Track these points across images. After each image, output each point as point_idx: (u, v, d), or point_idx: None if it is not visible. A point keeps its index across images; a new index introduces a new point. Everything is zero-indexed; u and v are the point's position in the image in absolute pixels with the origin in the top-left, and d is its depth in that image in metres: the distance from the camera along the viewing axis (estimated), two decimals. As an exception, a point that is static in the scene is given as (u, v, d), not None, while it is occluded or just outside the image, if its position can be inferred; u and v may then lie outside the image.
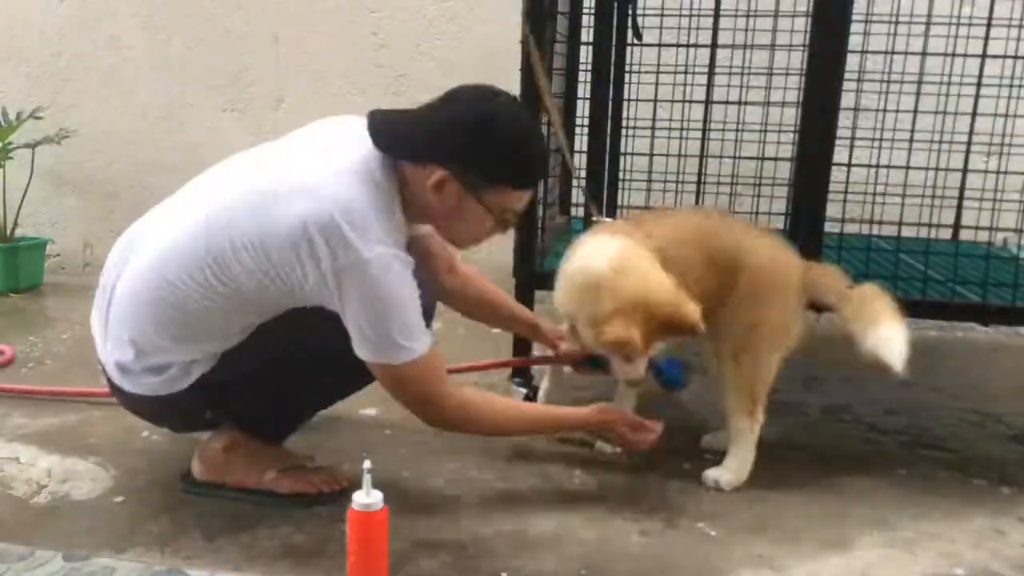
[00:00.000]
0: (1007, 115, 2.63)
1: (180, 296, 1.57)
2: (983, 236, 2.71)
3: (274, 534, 1.64)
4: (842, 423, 2.19)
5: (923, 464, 2.02)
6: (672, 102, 2.55)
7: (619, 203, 2.62)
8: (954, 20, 2.55)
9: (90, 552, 1.55)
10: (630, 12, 2.33)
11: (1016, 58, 2.57)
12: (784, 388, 2.19)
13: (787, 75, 2.59)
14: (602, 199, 2.26)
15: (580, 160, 2.43)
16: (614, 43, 2.19)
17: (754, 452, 1.85)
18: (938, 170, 2.63)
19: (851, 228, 2.39)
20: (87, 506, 1.75)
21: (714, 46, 2.49)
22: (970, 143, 2.57)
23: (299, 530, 1.66)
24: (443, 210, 1.63)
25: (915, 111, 2.51)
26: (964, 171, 2.68)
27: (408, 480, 1.87)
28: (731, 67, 2.62)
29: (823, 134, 2.06)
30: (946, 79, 2.59)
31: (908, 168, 2.47)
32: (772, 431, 1.85)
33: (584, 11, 2.45)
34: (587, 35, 2.26)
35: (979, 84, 2.55)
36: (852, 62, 2.21)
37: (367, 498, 1.39)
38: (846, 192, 2.28)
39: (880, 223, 2.61)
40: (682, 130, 2.61)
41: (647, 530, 1.70)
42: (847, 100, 2.26)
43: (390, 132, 1.62)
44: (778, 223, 2.71)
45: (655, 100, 2.51)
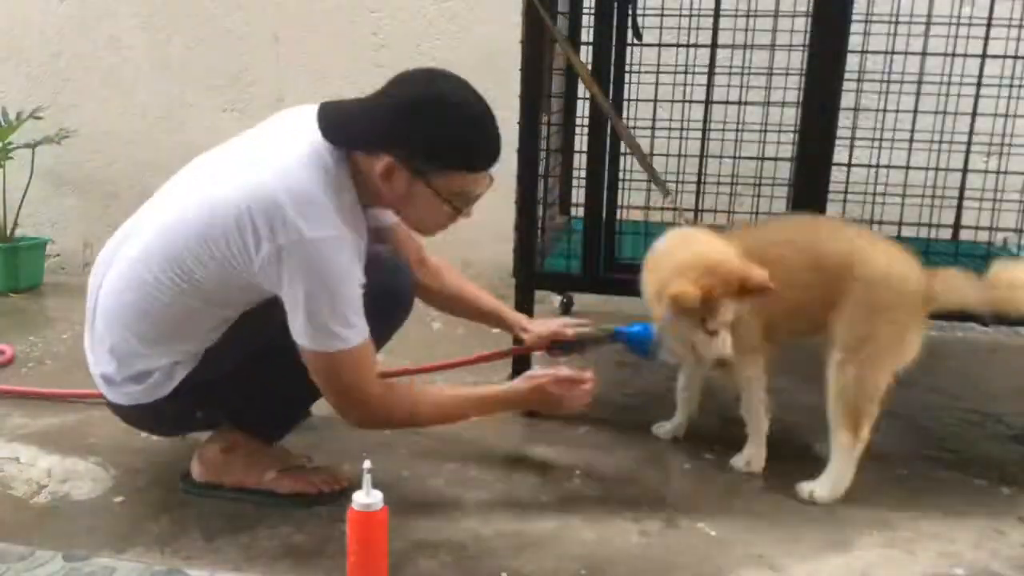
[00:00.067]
0: (1007, 115, 2.63)
1: (152, 297, 1.60)
2: (983, 236, 2.71)
3: (274, 534, 1.64)
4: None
5: (923, 464, 2.02)
6: (672, 102, 2.55)
7: (619, 203, 2.61)
8: (954, 20, 2.55)
9: (90, 552, 1.55)
10: (630, 12, 2.33)
11: (1016, 58, 2.57)
12: (784, 387, 2.20)
13: (787, 75, 2.59)
14: (601, 204, 2.25)
15: (580, 160, 2.42)
16: (614, 43, 2.18)
17: (853, 469, 1.80)
18: (938, 170, 2.63)
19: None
20: (87, 506, 1.75)
21: (714, 46, 2.49)
22: (970, 143, 2.57)
23: (299, 530, 1.66)
24: (394, 198, 1.62)
25: (915, 111, 2.52)
26: (964, 171, 2.68)
27: (408, 480, 1.87)
28: (731, 67, 2.62)
29: (823, 134, 2.06)
30: (946, 79, 2.59)
31: (908, 168, 2.47)
32: (771, 431, 1.85)
33: (584, 11, 2.45)
34: (587, 35, 2.26)
35: (979, 84, 2.55)
36: (852, 62, 2.22)
37: (367, 498, 1.39)
38: (846, 192, 2.28)
39: (880, 223, 2.61)
40: (682, 130, 2.61)
41: (647, 530, 1.70)
42: (847, 100, 2.26)
43: (338, 123, 1.61)
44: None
45: (655, 100, 2.50)
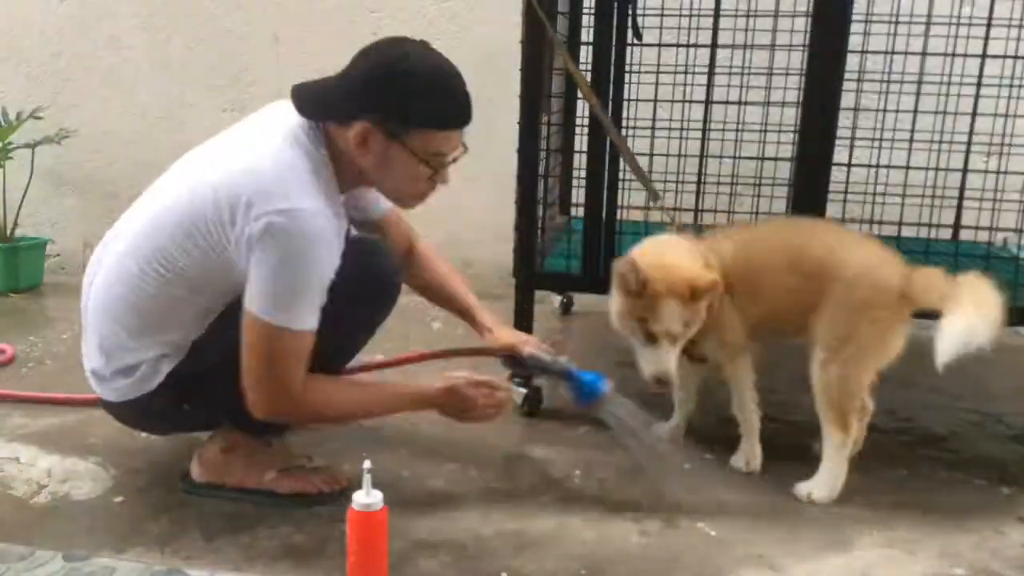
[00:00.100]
0: (1007, 115, 2.63)
1: (139, 288, 1.62)
2: (983, 236, 2.71)
3: (274, 534, 1.64)
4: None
5: (923, 464, 2.02)
6: (672, 102, 2.55)
7: (619, 203, 2.60)
8: (954, 20, 2.55)
9: (90, 552, 1.55)
10: (630, 12, 2.33)
11: (1016, 58, 2.57)
12: (784, 388, 2.20)
13: (787, 75, 2.59)
14: (601, 204, 2.25)
15: (580, 160, 2.43)
16: (614, 43, 2.18)
17: (845, 465, 1.80)
18: (938, 170, 2.63)
19: (851, 228, 2.39)
20: (87, 506, 1.75)
21: (714, 46, 2.49)
22: (970, 143, 2.57)
23: (299, 530, 1.66)
24: (372, 165, 1.63)
25: (915, 111, 2.52)
26: (964, 171, 2.68)
27: (408, 480, 1.87)
28: (731, 67, 2.62)
29: (823, 134, 2.06)
30: (946, 79, 2.60)
31: (908, 168, 2.47)
32: (771, 431, 1.85)
33: (584, 11, 2.45)
34: (587, 35, 2.26)
35: (979, 84, 2.55)
36: (852, 62, 2.22)
37: (367, 498, 1.39)
38: (846, 192, 2.29)
39: (880, 223, 2.61)
40: (682, 130, 2.61)
41: (647, 530, 1.70)
42: (847, 100, 2.26)
43: (312, 98, 1.65)
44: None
45: (655, 100, 2.51)
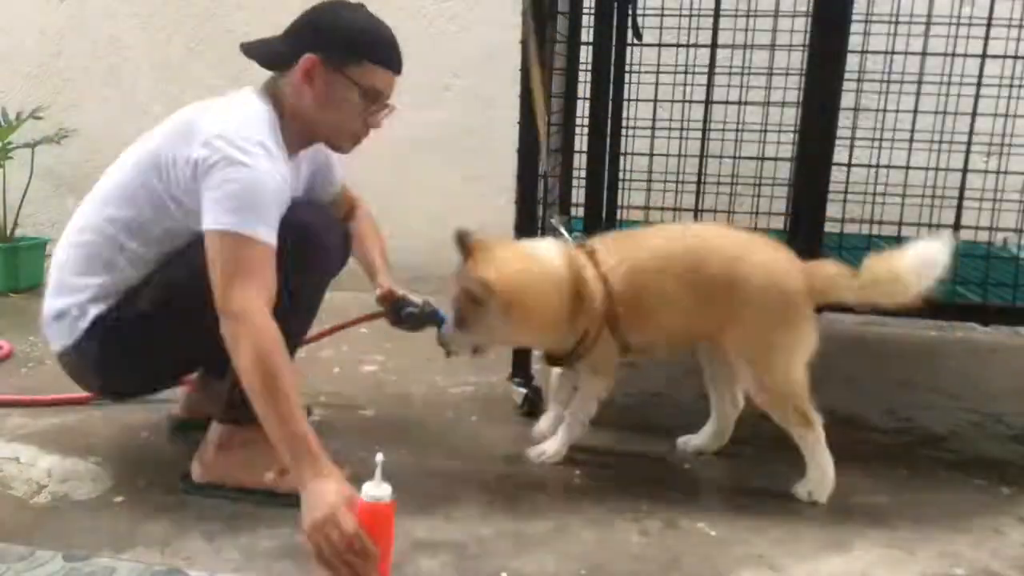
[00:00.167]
0: (1007, 115, 2.63)
1: (81, 230, 1.75)
2: (983, 236, 2.71)
3: (274, 534, 1.64)
4: (842, 423, 2.19)
5: (923, 464, 2.02)
6: (672, 102, 2.55)
7: (619, 203, 2.61)
8: (954, 20, 2.56)
9: (90, 552, 1.55)
10: (630, 12, 2.33)
11: (1016, 58, 2.57)
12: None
13: (787, 75, 2.60)
14: (601, 204, 2.25)
15: (580, 160, 2.43)
16: (614, 43, 2.18)
17: (829, 455, 1.80)
18: (938, 170, 2.63)
19: (851, 228, 2.39)
20: (87, 506, 1.75)
21: (714, 46, 2.49)
22: (970, 143, 2.56)
23: (299, 530, 1.65)
24: (314, 101, 1.75)
25: (915, 111, 2.52)
26: (964, 171, 2.67)
27: (408, 480, 1.86)
28: (731, 67, 2.62)
29: (823, 134, 2.06)
30: (946, 79, 2.60)
31: (908, 168, 2.47)
32: (771, 431, 1.85)
33: (584, 11, 2.45)
34: (587, 35, 2.26)
35: (979, 84, 2.54)
36: (852, 62, 2.22)
37: (377, 490, 1.41)
38: (846, 192, 2.29)
39: (880, 223, 2.61)
40: (682, 130, 2.61)
41: (647, 530, 1.70)
42: (847, 100, 2.26)
43: (259, 47, 1.82)
44: (778, 223, 2.72)
45: (655, 100, 2.51)
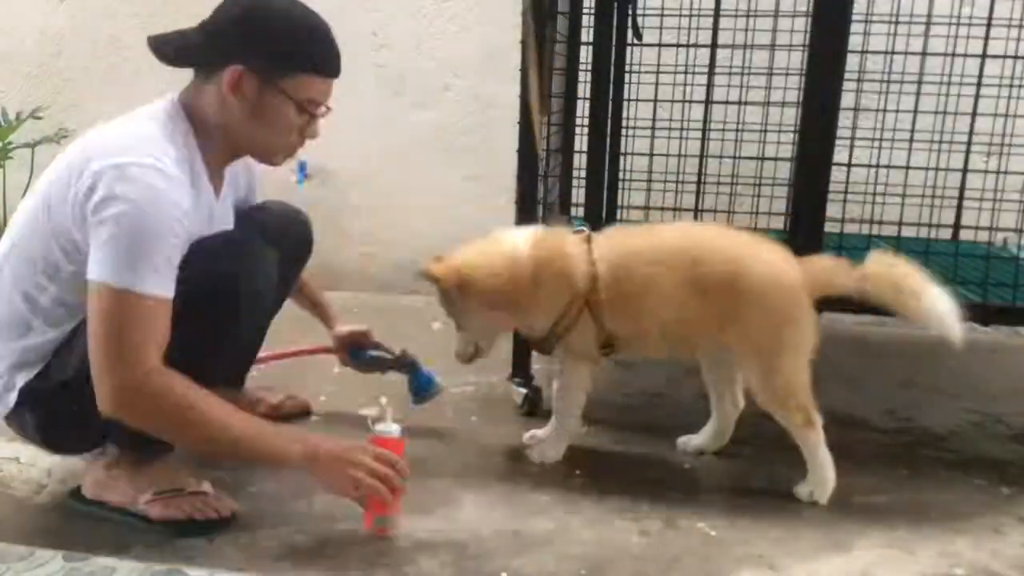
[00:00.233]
0: (1007, 115, 2.63)
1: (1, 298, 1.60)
2: (983, 236, 2.71)
3: (274, 534, 1.64)
4: (842, 423, 2.19)
5: (923, 464, 2.02)
6: (672, 102, 2.55)
7: (619, 203, 2.62)
8: (954, 20, 2.55)
9: (90, 552, 1.54)
10: (630, 12, 2.33)
11: (1016, 58, 2.58)
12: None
13: (787, 75, 2.59)
14: (601, 204, 2.25)
15: (580, 160, 2.43)
16: (614, 43, 2.18)
17: (829, 455, 1.80)
18: (938, 170, 2.64)
19: (851, 228, 2.39)
20: (87, 506, 1.75)
21: (714, 46, 2.50)
22: (970, 143, 2.57)
23: (299, 530, 1.65)
24: (243, 115, 1.60)
25: (915, 111, 2.52)
26: (964, 171, 2.68)
27: (408, 480, 1.86)
28: (731, 67, 2.62)
29: (823, 134, 2.06)
30: (946, 79, 2.60)
31: (908, 168, 2.47)
32: (771, 431, 1.85)
33: (584, 11, 2.45)
34: (587, 35, 2.26)
35: (979, 84, 2.55)
36: (852, 62, 2.22)
37: (387, 427, 1.58)
38: (846, 192, 2.28)
39: (880, 223, 2.61)
40: (682, 130, 2.62)
41: (647, 530, 1.70)
42: (847, 100, 2.26)
43: (172, 44, 1.63)
44: (778, 223, 2.72)
45: (655, 100, 2.51)
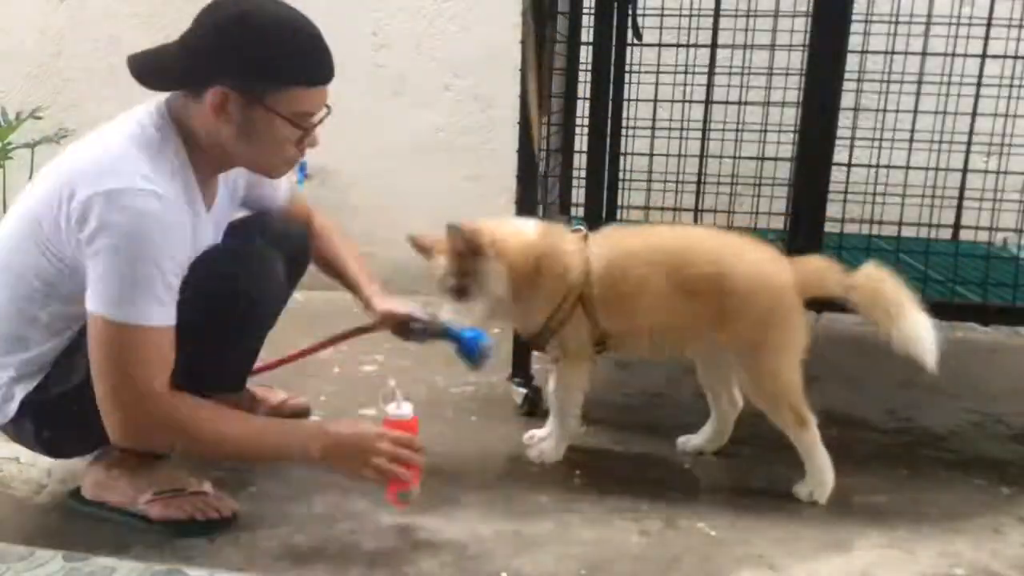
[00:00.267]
0: (1007, 115, 2.63)
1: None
2: (983, 236, 2.71)
3: (274, 534, 1.64)
4: (842, 423, 2.19)
5: (923, 464, 2.02)
6: (672, 102, 2.55)
7: (619, 203, 2.62)
8: (954, 20, 2.56)
9: (90, 552, 1.54)
10: (630, 12, 2.33)
11: (1016, 58, 2.58)
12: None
13: (787, 75, 2.59)
14: (601, 204, 2.25)
15: (580, 160, 2.43)
16: (614, 43, 2.18)
17: (826, 454, 1.80)
18: (938, 170, 2.64)
19: (851, 228, 2.39)
20: (87, 506, 1.75)
21: (714, 46, 2.50)
22: (970, 143, 2.57)
23: (299, 530, 1.65)
24: (233, 135, 1.52)
25: (915, 111, 2.52)
26: (964, 171, 2.68)
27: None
28: (731, 67, 2.62)
29: (823, 134, 2.06)
30: (946, 79, 2.60)
31: (908, 168, 2.47)
32: (770, 431, 1.85)
33: (584, 11, 2.45)
34: (587, 35, 2.26)
35: (979, 84, 2.55)
36: (852, 62, 2.22)
37: (399, 409, 1.60)
38: (846, 192, 2.28)
39: (880, 223, 2.61)
40: (682, 130, 2.62)
41: (647, 530, 1.70)
42: (847, 100, 2.26)
43: (152, 66, 1.53)
44: (778, 223, 2.72)
45: (655, 100, 2.51)
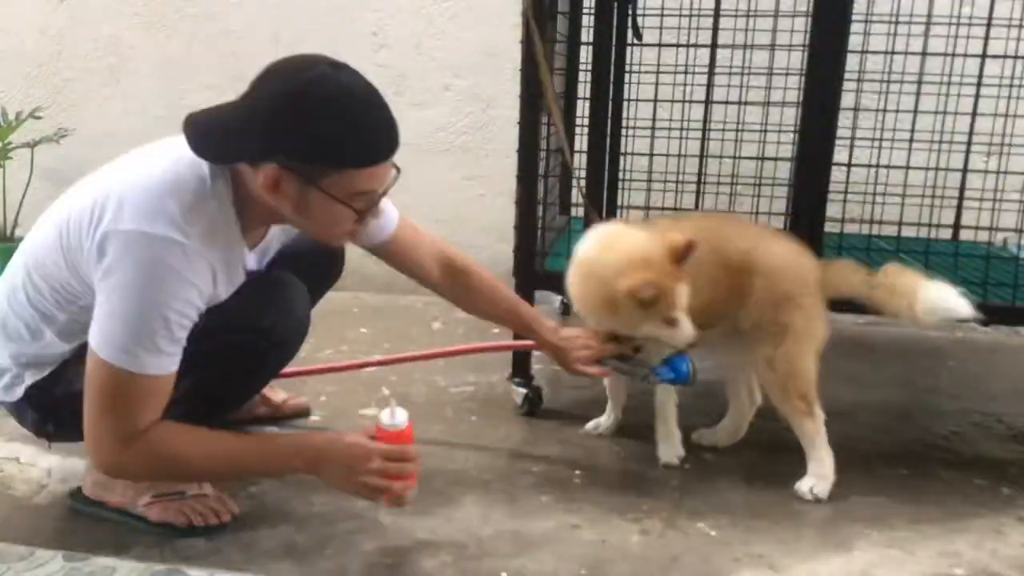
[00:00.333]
0: (1007, 115, 2.63)
1: (12, 295, 1.60)
2: (983, 236, 2.71)
3: (274, 534, 1.64)
4: (842, 423, 2.18)
5: (923, 464, 2.02)
6: (672, 102, 2.55)
7: (619, 203, 2.61)
8: (954, 20, 2.56)
9: (90, 552, 1.55)
10: (630, 12, 2.33)
11: (1016, 58, 2.58)
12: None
13: (787, 75, 2.59)
14: (601, 204, 2.25)
15: (580, 160, 2.43)
16: (614, 43, 2.18)
17: (829, 449, 1.82)
18: (938, 170, 2.64)
19: (851, 228, 2.40)
20: (87, 506, 1.75)
21: (714, 46, 2.50)
22: (970, 143, 2.58)
23: (299, 530, 1.66)
24: (291, 210, 1.46)
25: (915, 111, 2.52)
26: (964, 171, 2.68)
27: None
28: (731, 67, 2.62)
29: (823, 134, 2.06)
30: (946, 79, 2.60)
31: (908, 168, 2.48)
32: (771, 431, 1.85)
33: (584, 11, 2.45)
34: (587, 35, 2.26)
35: (979, 84, 2.55)
36: (852, 62, 2.22)
37: (393, 419, 1.54)
38: (846, 192, 2.29)
39: (880, 223, 2.61)
40: (682, 130, 2.61)
41: (647, 530, 1.70)
42: (847, 100, 2.26)
43: (208, 137, 1.46)
44: (778, 223, 2.72)
45: (655, 100, 2.51)
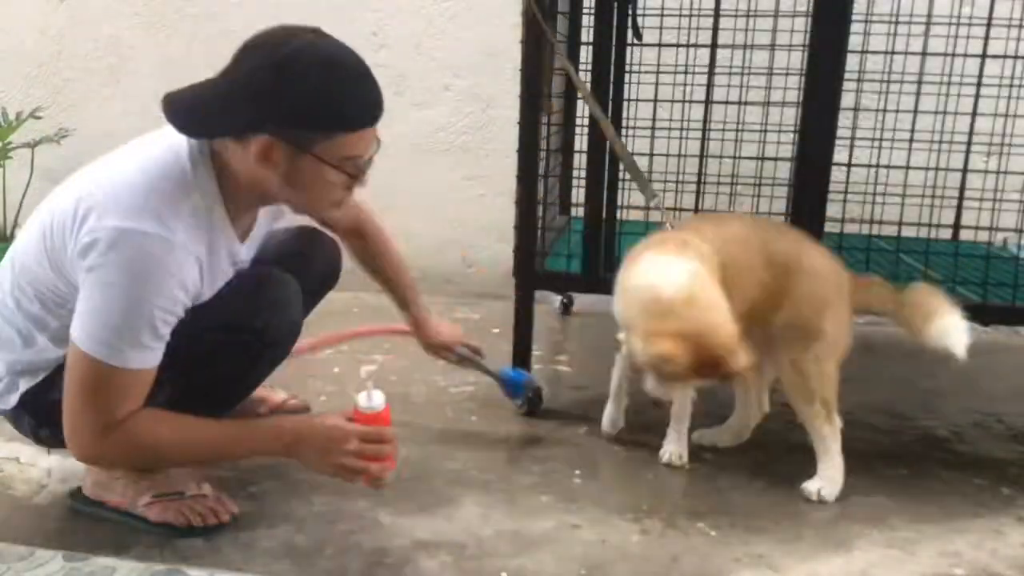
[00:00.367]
0: (1007, 115, 2.63)
1: (12, 310, 1.59)
2: (983, 236, 2.71)
3: (274, 534, 1.64)
4: (843, 423, 2.19)
5: (923, 464, 2.02)
6: (672, 102, 2.55)
7: (619, 203, 2.60)
8: (954, 20, 2.56)
9: (90, 552, 1.55)
10: (630, 12, 2.33)
11: (1016, 58, 2.58)
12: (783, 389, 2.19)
13: (787, 75, 2.59)
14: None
15: (580, 160, 2.43)
16: (614, 43, 2.18)
17: (841, 456, 1.82)
18: (938, 170, 2.64)
19: (851, 228, 2.39)
20: (87, 506, 1.75)
21: (714, 46, 2.49)
22: (970, 143, 2.58)
23: (299, 530, 1.66)
24: (280, 182, 1.47)
25: (915, 111, 2.52)
26: (964, 171, 2.68)
27: (408, 480, 1.87)
28: (731, 67, 2.62)
29: (823, 134, 2.06)
30: (946, 79, 2.60)
31: (908, 168, 2.47)
32: (772, 431, 1.85)
33: (584, 11, 2.45)
34: (587, 35, 2.26)
35: (979, 84, 2.55)
36: (852, 62, 2.22)
37: (369, 401, 1.56)
38: (846, 192, 2.29)
39: (880, 223, 2.61)
40: (682, 130, 2.61)
41: (647, 530, 1.70)
42: (847, 100, 2.26)
43: (191, 112, 1.48)
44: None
45: (655, 100, 2.51)
